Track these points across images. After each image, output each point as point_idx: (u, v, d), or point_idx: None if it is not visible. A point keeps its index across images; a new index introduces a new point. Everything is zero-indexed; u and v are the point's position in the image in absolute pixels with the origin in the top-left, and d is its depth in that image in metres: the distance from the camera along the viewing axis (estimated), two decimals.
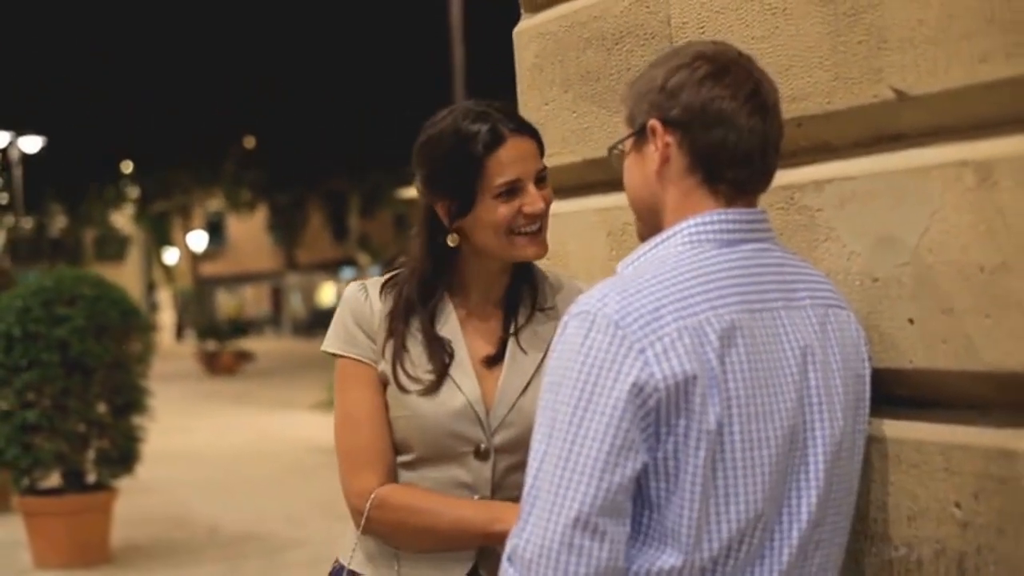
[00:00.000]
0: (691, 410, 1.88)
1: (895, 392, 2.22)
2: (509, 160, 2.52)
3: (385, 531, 2.56)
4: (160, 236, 54.06)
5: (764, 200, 2.38)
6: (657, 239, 2.07)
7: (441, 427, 2.54)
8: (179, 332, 58.61)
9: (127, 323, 9.44)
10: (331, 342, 2.66)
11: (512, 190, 2.52)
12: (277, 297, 65.77)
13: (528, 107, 3.13)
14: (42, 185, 39.54)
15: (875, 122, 2.23)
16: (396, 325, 2.60)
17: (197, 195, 48.11)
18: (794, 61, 2.35)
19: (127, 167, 43.76)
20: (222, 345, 33.65)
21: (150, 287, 60.14)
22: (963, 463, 2.07)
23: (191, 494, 12.50)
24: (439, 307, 2.63)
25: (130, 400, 9.51)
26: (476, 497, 2.55)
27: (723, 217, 2.03)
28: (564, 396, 1.89)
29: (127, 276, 59.53)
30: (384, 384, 2.60)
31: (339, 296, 2.71)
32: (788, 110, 2.35)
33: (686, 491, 1.89)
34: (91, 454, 9.39)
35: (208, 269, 59.66)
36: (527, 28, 3.13)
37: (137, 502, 10.72)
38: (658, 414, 1.87)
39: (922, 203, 2.11)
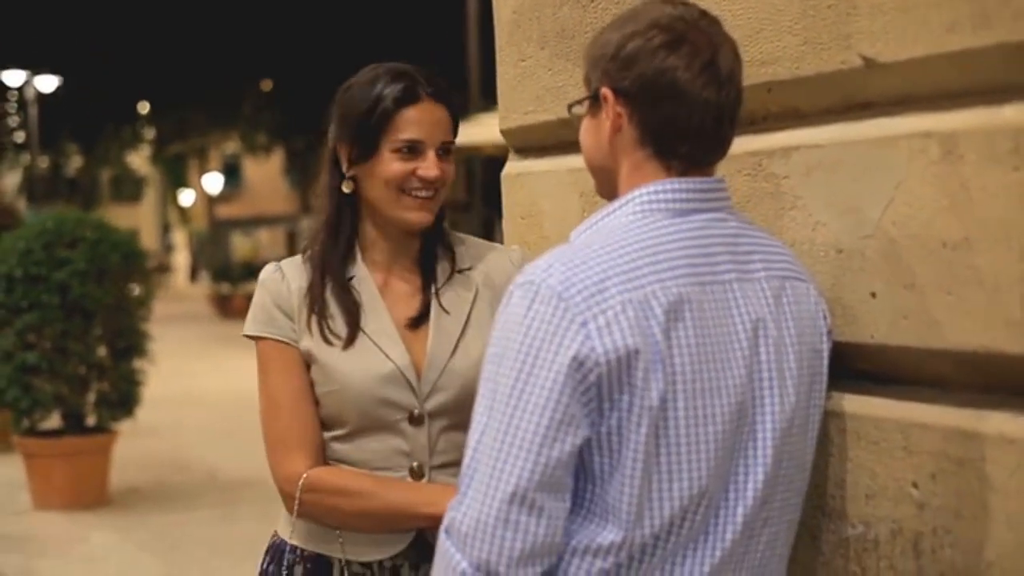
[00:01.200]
0: (633, 385, 1.83)
1: (857, 366, 2.17)
2: (416, 120, 2.56)
3: (319, 513, 2.56)
4: (176, 178, 54.09)
5: (731, 166, 2.34)
6: (609, 208, 2.02)
7: (372, 396, 2.52)
8: (193, 274, 58.71)
9: (128, 266, 9.44)
10: (250, 325, 2.64)
11: (412, 149, 2.55)
12: (292, 240, 65.62)
13: (504, 63, 3.07)
14: (58, 125, 39.43)
15: (844, 89, 2.17)
16: (314, 292, 2.60)
17: (213, 137, 48.01)
18: (764, 24, 2.29)
19: (144, 108, 43.67)
20: (235, 288, 33.65)
21: (165, 228, 60.26)
22: (921, 442, 2.02)
23: (192, 438, 12.53)
24: (357, 274, 2.63)
25: (131, 343, 9.53)
26: (414, 464, 2.54)
27: (675, 186, 1.98)
28: (505, 368, 1.85)
29: (143, 217, 59.81)
30: (308, 364, 2.58)
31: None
32: (758, 75, 2.30)
33: (627, 467, 1.85)
34: (91, 397, 9.41)
35: (224, 211, 59.60)
36: None
37: (137, 445, 10.74)
38: (600, 388, 1.82)
39: (887, 174, 2.06)
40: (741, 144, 2.34)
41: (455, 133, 2.63)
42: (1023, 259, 1.84)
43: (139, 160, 50.94)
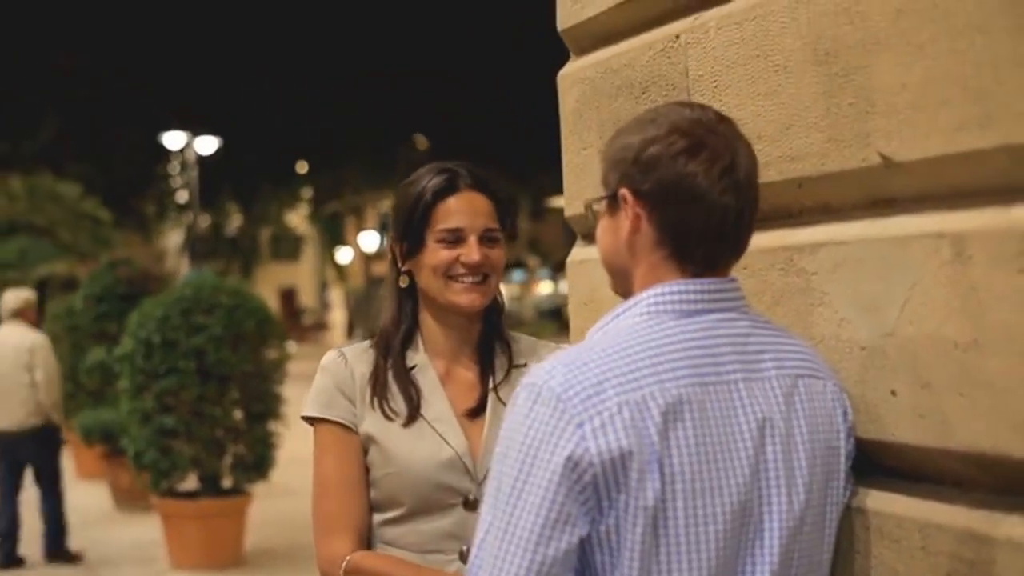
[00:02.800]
0: (628, 485, 1.85)
1: (882, 463, 2.16)
2: (456, 209, 2.68)
3: None
4: (333, 236, 55.04)
5: (765, 260, 2.36)
6: (620, 308, 2.05)
7: (430, 480, 2.60)
8: (350, 330, 59.47)
9: (263, 332, 9.65)
10: (310, 407, 2.74)
11: (456, 239, 2.66)
12: None
13: (569, 152, 3.12)
14: (218, 185, 40.51)
15: (865, 187, 2.18)
16: (378, 374, 2.70)
17: (369, 195, 48.81)
18: (794, 120, 2.31)
19: (302, 168, 44.60)
20: None
21: (323, 286, 61.22)
22: (938, 543, 2.01)
23: None
24: (419, 362, 2.72)
25: (266, 407, 9.74)
26: (464, 547, 2.59)
27: (684, 288, 2.00)
28: (507, 467, 1.89)
29: (301, 275, 60.87)
30: (366, 449, 2.67)
31: (321, 365, 2.79)
32: (788, 170, 2.32)
33: (625, 564, 1.87)
34: (228, 459, 9.62)
35: (380, 269, 60.12)
36: (570, 73, 3.12)
37: (272, 506, 10.93)
38: (596, 488, 1.85)
39: (904, 273, 2.06)
40: (774, 239, 2.37)
41: (502, 221, 2.73)
42: None
43: (297, 219, 51.98)
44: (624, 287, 2.12)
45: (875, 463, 2.17)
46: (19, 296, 10.43)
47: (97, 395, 12.45)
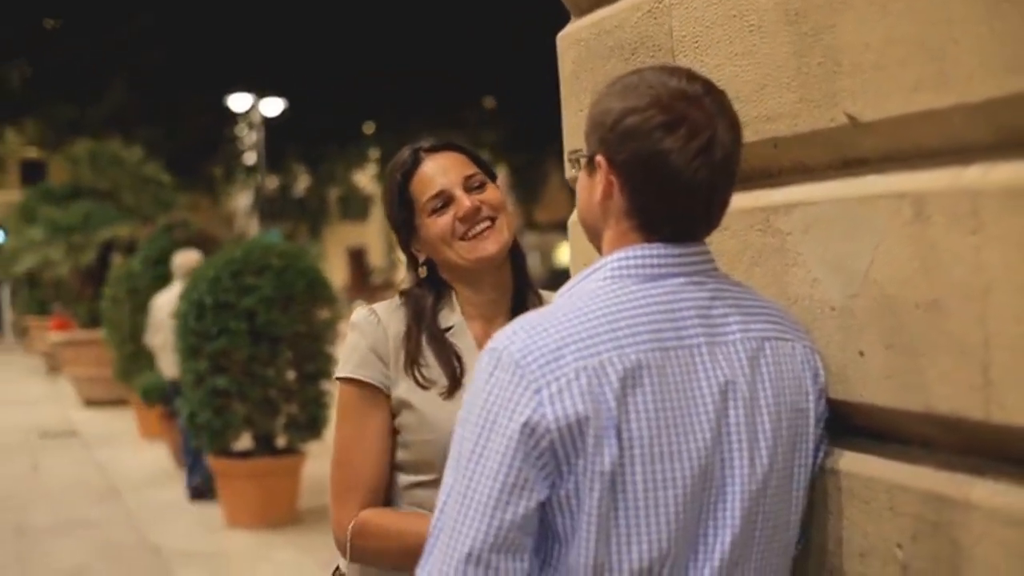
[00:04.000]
0: (585, 450, 1.87)
1: (853, 424, 2.16)
2: (429, 176, 2.68)
3: (371, 557, 2.63)
4: None
5: (744, 220, 2.36)
6: (585, 272, 2.06)
7: None
8: None
9: (313, 293, 9.69)
10: (344, 367, 2.69)
11: (443, 202, 2.65)
12: None
13: (568, 113, 3.12)
14: (284, 146, 40.65)
15: (834, 147, 2.17)
16: (411, 338, 2.65)
17: None
18: (768, 80, 2.30)
19: (368, 128, 44.66)
20: None
21: (391, 246, 61.38)
22: (904, 504, 2.01)
23: None
24: (456, 325, 2.69)
25: (318, 367, 9.78)
26: None
27: (647, 252, 2.00)
28: (468, 432, 1.91)
29: (370, 235, 61.07)
30: (396, 411, 2.64)
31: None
32: (764, 130, 2.32)
33: (583, 528, 1.89)
34: (281, 419, 9.71)
35: None
36: (568, 34, 3.11)
37: (326, 465, 10.97)
38: (555, 453, 1.87)
39: (869, 233, 2.05)
40: (753, 199, 2.37)
41: (479, 164, 2.75)
42: (983, 324, 1.82)
43: (365, 179, 52.09)
44: (596, 245, 2.13)
45: (846, 424, 2.17)
46: (191, 257, 11.12)
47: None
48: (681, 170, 1.96)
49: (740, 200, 2.37)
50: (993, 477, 1.85)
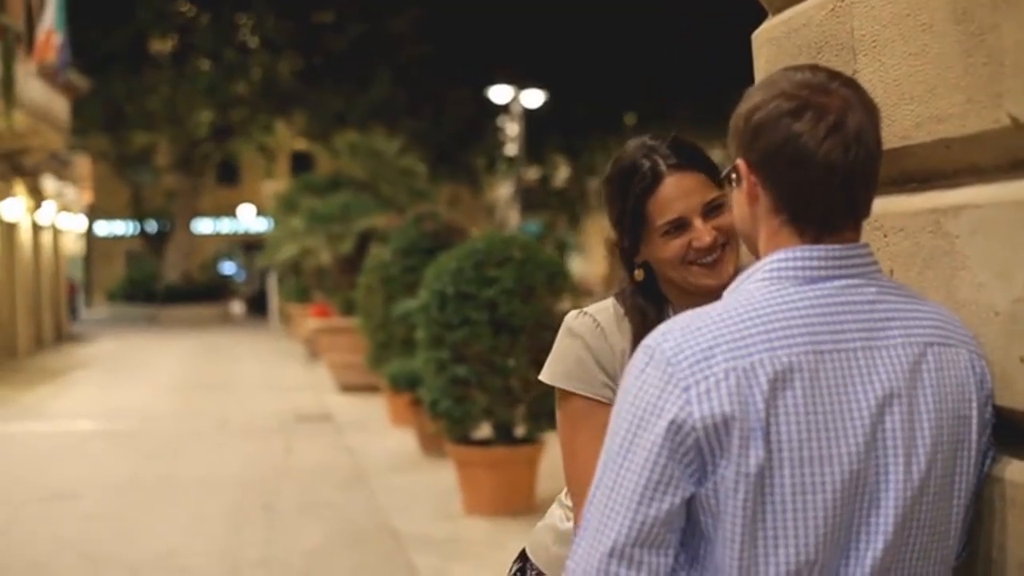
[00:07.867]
0: (729, 451, 1.89)
1: (1018, 430, 2.12)
2: (669, 199, 2.60)
3: None
4: None
5: (917, 223, 2.33)
6: (747, 272, 2.08)
7: None
8: None
9: (554, 284, 9.78)
10: (563, 378, 2.69)
11: (679, 226, 2.58)
12: None
13: None
14: (544, 137, 41.03)
15: (1001, 148, 2.12)
16: None
17: (701, 145, 48.45)
18: (939, 81, 2.26)
19: (630, 119, 44.67)
20: None
21: None
22: None
23: None
24: None
25: None
26: None
27: (806, 254, 2.01)
28: (618, 427, 1.96)
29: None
30: None
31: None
32: (936, 131, 2.29)
33: (727, 529, 1.91)
34: (521, 409, 9.83)
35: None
36: (761, 32, 3.11)
37: None
38: (700, 452, 1.90)
39: None
40: (926, 201, 2.34)
41: (718, 184, 2.63)
42: None
43: None
44: (755, 253, 2.14)
45: (1014, 430, 2.12)
46: None
47: (406, 344, 12.88)
48: (813, 151, 1.97)
49: (914, 201, 2.35)
50: None
